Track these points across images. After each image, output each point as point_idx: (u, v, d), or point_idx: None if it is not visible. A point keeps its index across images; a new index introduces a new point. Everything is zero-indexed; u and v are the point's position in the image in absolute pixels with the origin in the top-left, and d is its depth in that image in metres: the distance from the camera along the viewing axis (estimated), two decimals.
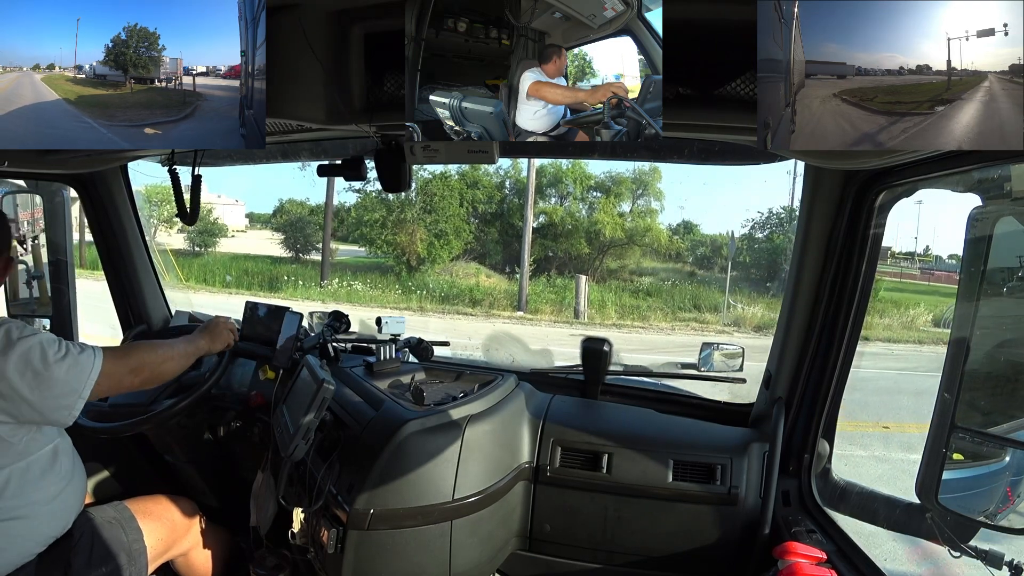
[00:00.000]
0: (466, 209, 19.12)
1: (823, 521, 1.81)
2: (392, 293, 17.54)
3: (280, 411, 1.93)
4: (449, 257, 18.97)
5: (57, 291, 2.78)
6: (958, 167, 1.37)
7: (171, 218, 19.92)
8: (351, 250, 21.24)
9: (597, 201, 19.39)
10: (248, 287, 17.66)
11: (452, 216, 18.70)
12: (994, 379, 1.57)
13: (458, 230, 18.86)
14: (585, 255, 19.21)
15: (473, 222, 19.43)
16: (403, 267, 18.61)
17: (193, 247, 20.45)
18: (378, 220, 18.76)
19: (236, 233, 23.26)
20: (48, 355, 1.57)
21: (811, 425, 1.88)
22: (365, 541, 1.68)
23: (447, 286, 17.79)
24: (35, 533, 1.67)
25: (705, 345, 2.28)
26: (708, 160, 1.86)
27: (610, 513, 1.89)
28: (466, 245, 19.32)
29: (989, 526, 1.50)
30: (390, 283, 18.21)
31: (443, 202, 18.61)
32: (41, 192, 2.74)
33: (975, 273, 1.48)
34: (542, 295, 17.45)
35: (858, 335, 1.80)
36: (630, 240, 19.13)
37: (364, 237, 19.40)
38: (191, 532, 2.08)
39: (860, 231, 1.70)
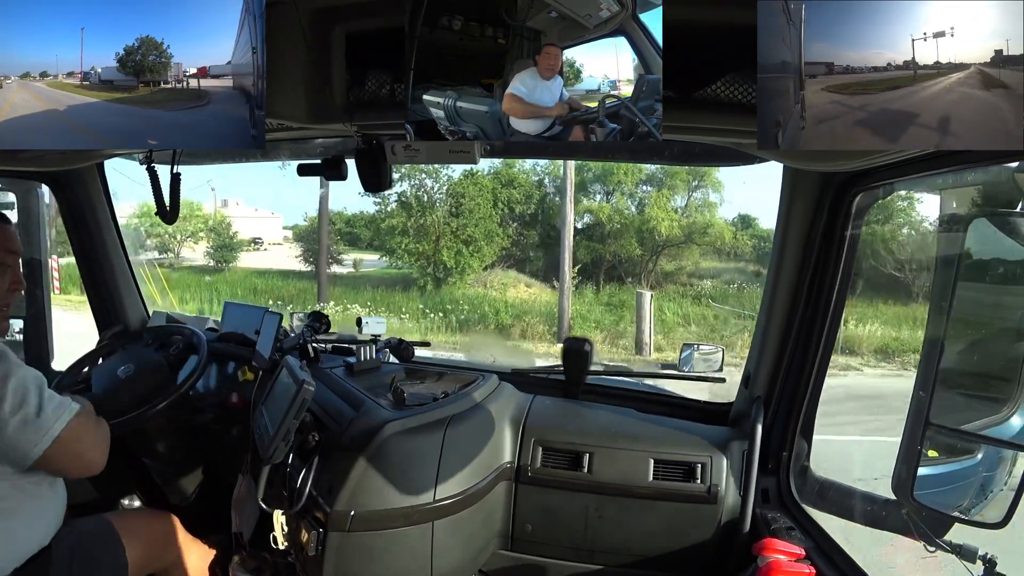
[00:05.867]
0: (500, 211, 17.14)
1: (801, 518, 1.83)
2: (405, 316, 15.09)
3: (259, 412, 1.91)
4: (481, 266, 16.87)
5: (31, 292, 2.73)
6: (934, 169, 1.39)
7: (196, 232, 19.25)
8: (376, 260, 19.22)
9: (648, 196, 17.24)
10: None
11: (483, 219, 16.62)
12: (967, 377, 1.60)
13: (490, 235, 16.78)
14: (636, 257, 16.98)
15: (510, 225, 17.49)
16: (428, 279, 16.49)
17: (211, 262, 19.33)
18: (396, 227, 16.83)
19: (270, 246, 22.48)
20: (4, 407, 1.50)
21: (789, 423, 1.90)
22: (346, 543, 1.67)
23: (477, 302, 15.38)
24: (13, 547, 1.63)
25: (686, 346, 2.29)
26: (690, 161, 1.88)
27: (591, 512, 1.90)
28: (501, 251, 17.29)
29: (963, 521, 1.53)
30: (410, 300, 15.85)
31: (472, 203, 16.60)
32: (15, 190, 2.69)
33: (949, 273, 1.50)
34: (589, 316, 14.78)
35: (835, 335, 1.82)
36: (688, 238, 16.80)
37: (383, 246, 17.71)
38: (173, 546, 2.05)
39: (838, 232, 1.72)
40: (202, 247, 19.42)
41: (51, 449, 1.55)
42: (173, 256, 19.63)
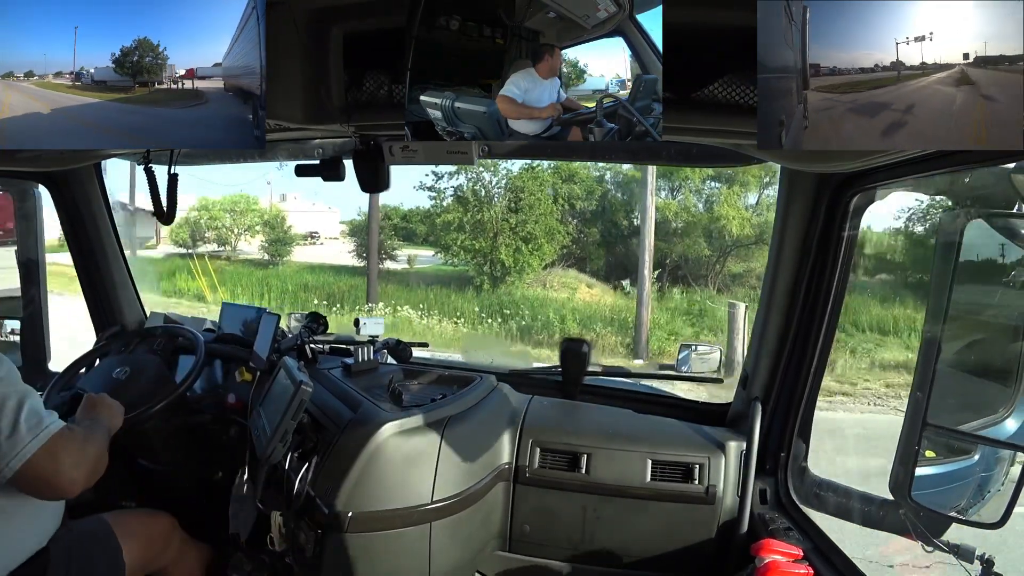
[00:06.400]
0: (560, 207, 15.94)
1: (799, 519, 1.83)
2: (460, 320, 13.77)
3: (257, 413, 1.91)
4: (541, 265, 15.65)
5: (28, 292, 2.72)
6: (931, 170, 1.39)
7: (252, 226, 19.06)
8: (431, 256, 18.09)
9: (717, 192, 15.89)
10: (291, 306, 13.78)
11: (543, 216, 15.41)
12: (964, 377, 1.61)
13: (550, 232, 15.55)
14: (704, 258, 15.72)
15: (570, 222, 16.28)
16: (485, 278, 15.33)
17: (265, 256, 18.79)
18: (452, 222, 15.70)
19: (327, 240, 22.07)
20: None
21: (787, 424, 1.90)
22: (344, 544, 1.67)
23: (537, 305, 14.00)
24: (9, 549, 1.62)
25: (683, 346, 2.30)
26: (687, 162, 1.89)
27: (589, 513, 1.90)
28: (562, 249, 16.05)
29: (961, 521, 1.53)
30: (466, 300, 14.58)
31: (531, 199, 15.36)
32: (11, 190, 2.68)
33: (946, 275, 1.50)
34: (667, 325, 13.17)
35: (833, 336, 1.83)
36: (759, 238, 15.02)
37: (439, 242, 16.53)
38: (170, 547, 2.04)
39: (835, 233, 1.72)
40: (258, 241, 19.20)
41: (23, 468, 1.50)
42: (230, 249, 19.51)
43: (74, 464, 1.57)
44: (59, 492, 1.60)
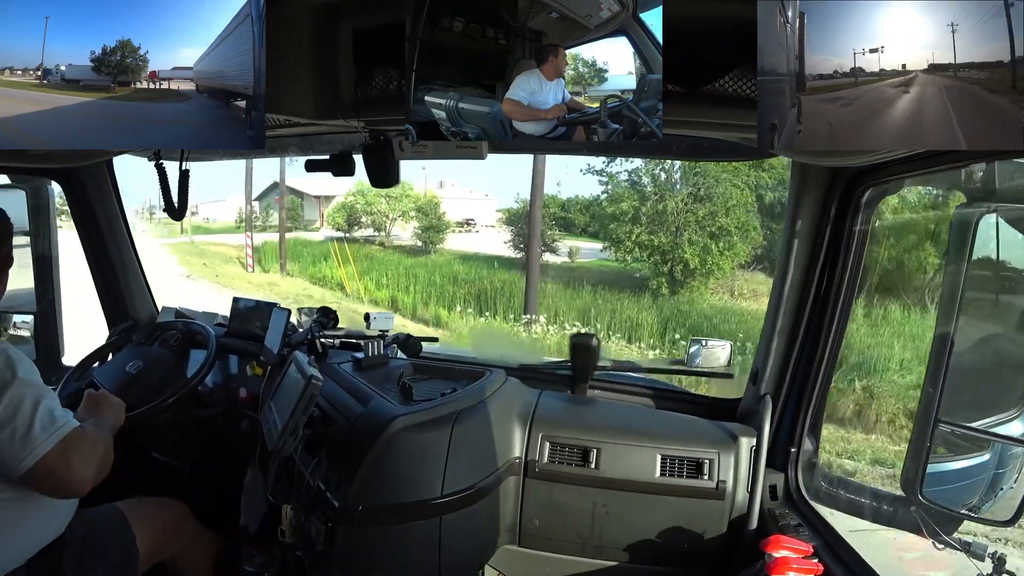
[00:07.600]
0: (749, 197, 13.49)
1: (810, 515, 1.83)
2: (641, 344, 11.22)
3: (268, 407, 1.92)
4: (731, 267, 13.37)
5: (41, 288, 2.75)
6: (944, 164, 1.38)
7: (407, 212, 18.94)
8: (591, 249, 15.93)
9: None
10: (437, 303, 13.17)
11: (736, 207, 12.89)
12: (977, 373, 1.60)
13: (744, 227, 13.06)
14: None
15: (756, 217, 13.65)
16: (663, 280, 13.13)
17: (418, 243, 18.40)
18: (627, 212, 13.57)
19: (483, 228, 21.65)
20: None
21: (798, 420, 1.89)
22: (354, 537, 1.68)
23: (734, 321, 11.23)
24: (26, 538, 1.64)
25: (693, 341, 2.29)
26: (697, 156, 1.89)
27: (599, 508, 1.90)
28: (755, 250, 13.53)
29: (973, 519, 1.52)
30: (642, 309, 12.12)
31: (721, 187, 12.90)
32: (25, 187, 2.70)
33: (959, 269, 1.49)
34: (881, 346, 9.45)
35: (844, 331, 1.82)
36: None
37: (609, 235, 14.30)
38: (182, 534, 2.07)
39: (847, 228, 1.71)
40: (411, 227, 19.14)
41: (36, 466, 1.52)
42: (384, 235, 19.56)
43: (84, 464, 1.59)
44: (69, 490, 1.62)
